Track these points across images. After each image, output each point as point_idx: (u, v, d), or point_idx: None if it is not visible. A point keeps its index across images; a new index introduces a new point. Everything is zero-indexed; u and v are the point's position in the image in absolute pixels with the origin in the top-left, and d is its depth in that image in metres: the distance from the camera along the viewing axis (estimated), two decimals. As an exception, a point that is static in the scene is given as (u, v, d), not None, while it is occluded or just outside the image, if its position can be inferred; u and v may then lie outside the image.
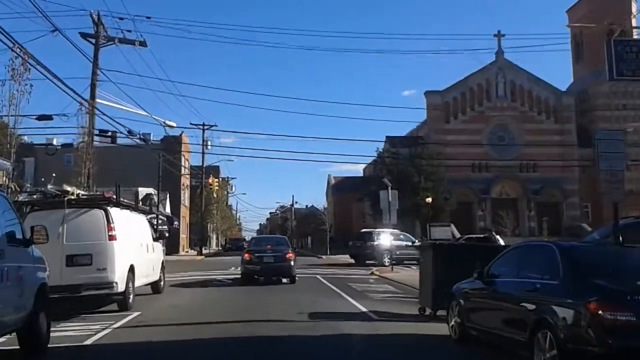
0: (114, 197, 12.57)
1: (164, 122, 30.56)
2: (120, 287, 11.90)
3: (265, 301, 13.89)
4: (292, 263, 18.40)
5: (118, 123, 26.18)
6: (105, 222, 11.74)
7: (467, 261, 10.50)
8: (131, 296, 12.56)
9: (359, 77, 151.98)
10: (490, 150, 56.55)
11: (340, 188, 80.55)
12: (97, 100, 27.72)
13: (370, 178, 59.01)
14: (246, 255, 18.52)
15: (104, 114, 26.77)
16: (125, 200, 13.57)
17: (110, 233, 11.72)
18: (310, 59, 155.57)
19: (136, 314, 11.89)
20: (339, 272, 25.76)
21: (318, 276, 22.36)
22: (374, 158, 58.84)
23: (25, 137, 59.33)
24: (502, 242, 40.72)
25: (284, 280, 18.90)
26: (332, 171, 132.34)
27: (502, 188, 57.39)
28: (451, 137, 54.65)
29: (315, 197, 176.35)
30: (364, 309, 12.12)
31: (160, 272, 16.07)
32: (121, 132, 26.67)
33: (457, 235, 51.82)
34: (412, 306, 12.77)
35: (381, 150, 57.01)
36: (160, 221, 45.87)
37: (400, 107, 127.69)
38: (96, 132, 27.49)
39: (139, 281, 13.50)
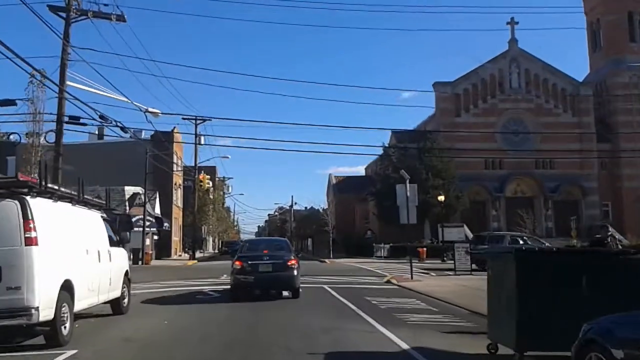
0: (35, 180, 8.67)
1: (147, 109, 26.58)
2: (45, 314, 8.06)
3: (260, 330, 10.03)
4: (295, 272, 14.53)
5: (91, 108, 22.08)
6: (21, 218, 7.90)
7: (573, 278, 6.78)
8: (66, 325, 8.70)
9: (359, 77, 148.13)
10: (504, 145, 52.79)
11: (342, 188, 76.61)
12: (68, 82, 24.10)
13: (376, 176, 55.19)
14: (237, 262, 14.60)
15: (76, 99, 22.93)
16: (60, 188, 9.66)
17: (28, 234, 7.88)
18: (311, 41, 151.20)
19: (70, 353, 8.07)
20: (349, 280, 21.95)
21: (326, 286, 18.52)
22: (378, 155, 55.13)
23: (12, 137, 55.79)
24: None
25: (285, 293, 15.06)
26: (331, 172, 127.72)
27: (517, 186, 53.60)
28: (462, 131, 50.81)
29: (315, 199, 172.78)
30: (404, 345, 8.26)
31: (124, 287, 12.24)
32: (92, 118, 22.58)
33: (471, 236, 48.18)
34: (469, 338, 8.98)
35: (387, 146, 53.23)
36: (148, 222, 42.13)
37: (410, 88, 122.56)
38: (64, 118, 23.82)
39: (84, 302, 9.68)
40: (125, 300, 12.39)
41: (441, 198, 42.26)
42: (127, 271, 12.65)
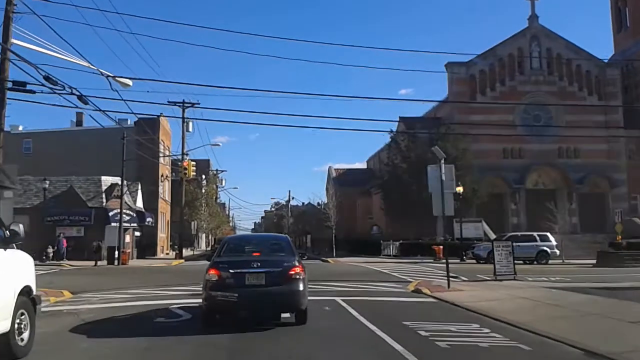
0: None
1: (113, 76, 21.48)
2: None
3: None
4: (300, 286, 9.62)
5: (37, 68, 16.98)
6: None
7: None
8: None
9: (356, 78, 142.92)
10: (524, 132, 47.97)
11: (343, 181, 71.66)
12: (13, 40, 19.31)
13: (383, 166, 50.30)
14: (212, 272, 9.58)
15: (23, 60, 17.98)
16: None
17: None
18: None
19: None
20: (365, 289, 17.14)
21: (338, 300, 13.71)
22: (385, 144, 50.38)
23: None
24: (554, 242, 31.89)
25: (285, 314, 10.17)
26: (323, 169, 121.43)
27: (539, 177, 48.76)
28: (478, 117, 45.84)
29: (314, 194, 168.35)
30: None
31: (20, 315, 7.37)
32: (41, 84, 17.54)
33: (491, 233, 43.31)
34: None
35: (394, 133, 48.39)
36: (127, 217, 37.25)
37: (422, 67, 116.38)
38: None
39: None
40: (24, 336, 7.48)
41: (460, 189, 37.26)
42: (27, 288, 7.73)
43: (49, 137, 48.36)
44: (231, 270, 9.45)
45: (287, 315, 10.17)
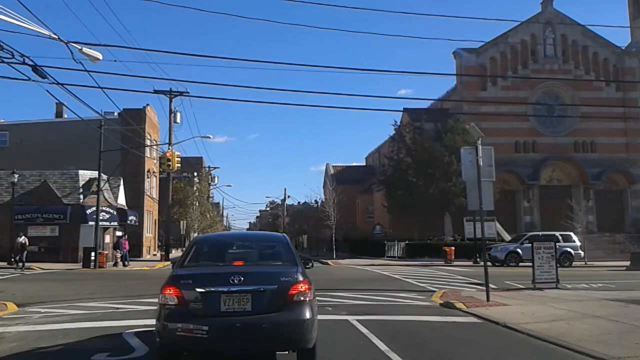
0: None
1: (80, 49, 17.92)
2: None
3: None
4: (306, 313, 6.22)
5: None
6: None
7: None
8: None
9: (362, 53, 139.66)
10: (537, 124, 44.73)
11: (341, 179, 68.22)
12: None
13: (387, 160, 46.90)
14: (169, 290, 6.19)
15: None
16: None
17: None
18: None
19: None
20: (382, 302, 13.88)
21: (353, 320, 10.40)
22: (389, 136, 47.08)
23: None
24: (577, 242, 28.59)
25: (283, 352, 6.77)
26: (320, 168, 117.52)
27: (553, 172, 45.55)
28: (488, 107, 42.59)
29: (311, 192, 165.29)
30: None
31: None
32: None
33: (505, 233, 40.05)
34: None
35: (398, 125, 45.13)
36: (107, 215, 33.84)
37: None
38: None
39: None
40: None
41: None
42: None
43: (27, 130, 44.82)
44: (199, 289, 6.04)
45: (285, 352, 6.81)
